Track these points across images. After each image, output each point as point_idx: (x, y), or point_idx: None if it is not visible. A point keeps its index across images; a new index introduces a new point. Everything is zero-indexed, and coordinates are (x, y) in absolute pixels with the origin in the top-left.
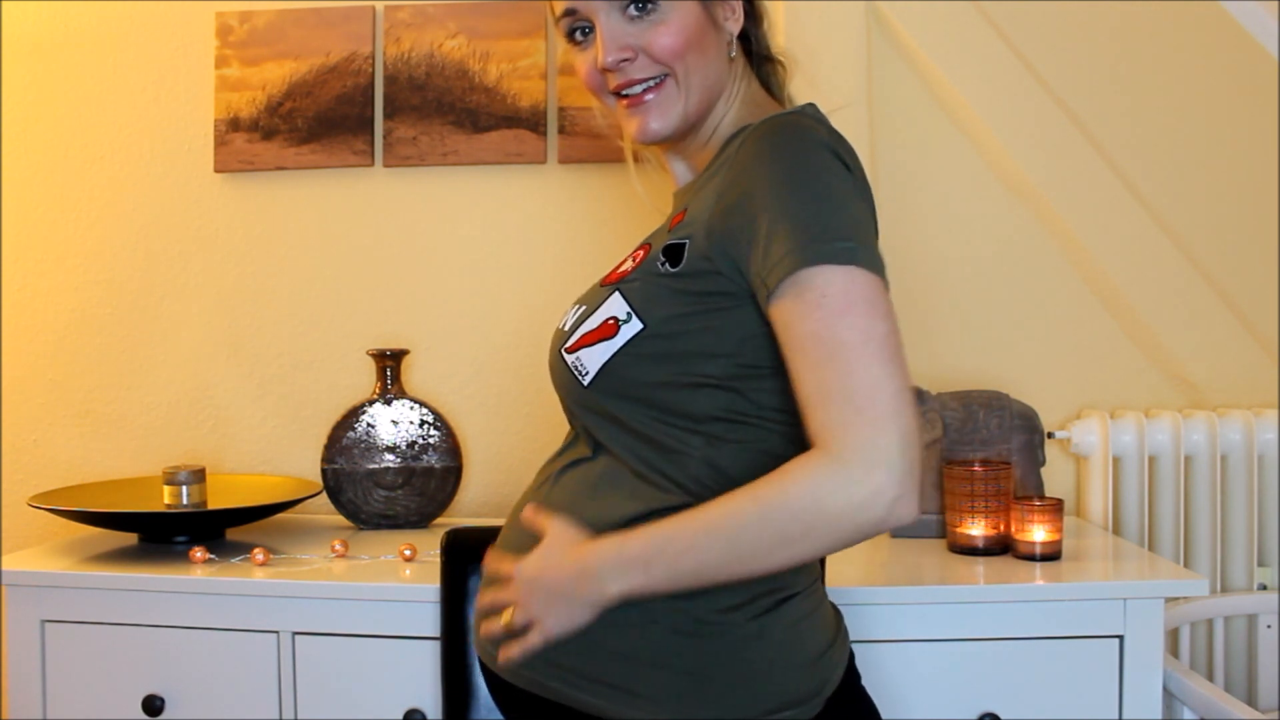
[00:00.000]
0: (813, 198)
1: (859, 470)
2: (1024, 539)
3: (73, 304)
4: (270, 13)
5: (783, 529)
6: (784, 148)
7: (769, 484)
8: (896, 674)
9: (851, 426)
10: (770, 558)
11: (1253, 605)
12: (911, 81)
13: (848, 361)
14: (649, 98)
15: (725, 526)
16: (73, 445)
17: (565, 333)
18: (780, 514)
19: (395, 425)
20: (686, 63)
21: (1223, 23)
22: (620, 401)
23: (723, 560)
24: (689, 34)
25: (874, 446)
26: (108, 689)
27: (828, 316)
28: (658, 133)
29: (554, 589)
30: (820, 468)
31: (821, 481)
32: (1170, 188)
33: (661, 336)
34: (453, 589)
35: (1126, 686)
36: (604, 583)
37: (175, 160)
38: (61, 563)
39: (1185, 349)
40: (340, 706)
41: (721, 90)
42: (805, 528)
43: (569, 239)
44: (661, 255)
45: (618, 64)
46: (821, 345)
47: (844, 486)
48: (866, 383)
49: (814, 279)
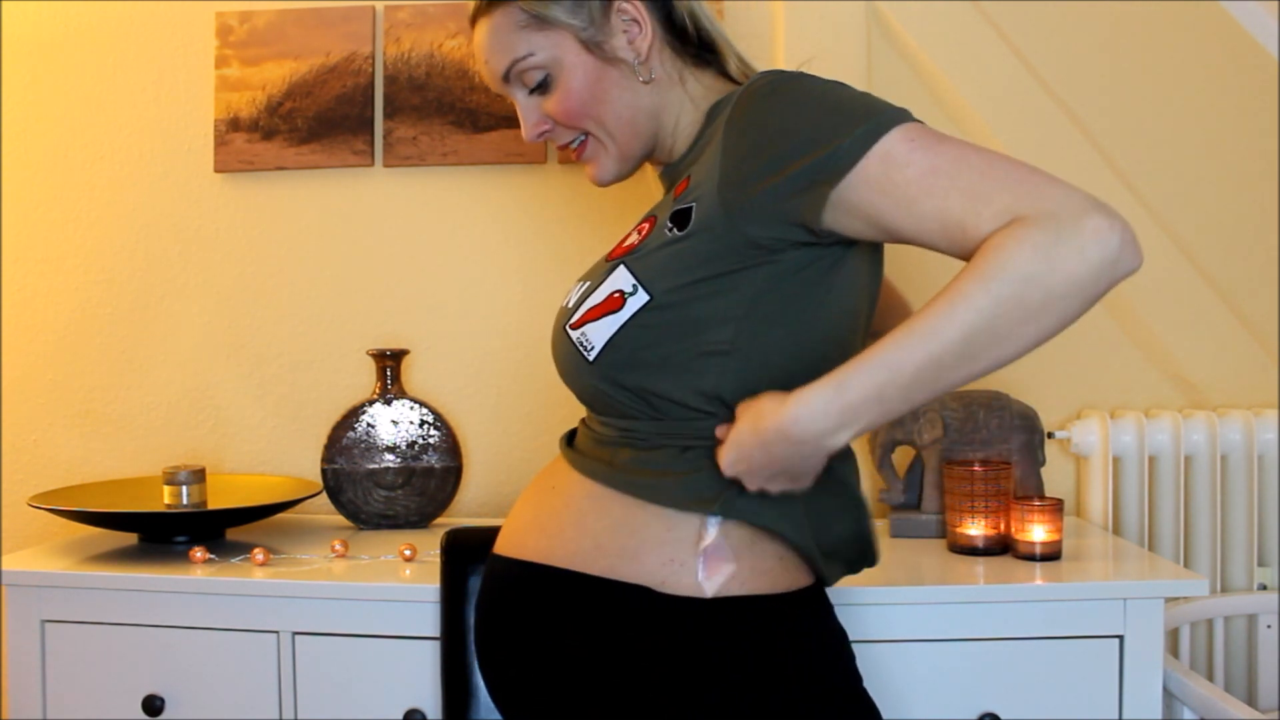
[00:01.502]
0: (832, 103)
1: (1070, 218)
2: (1024, 539)
3: (73, 304)
4: (270, 13)
5: (1019, 299)
6: (778, 92)
7: (982, 262)
8: (896, 674)
9: (1034, 193)
10: (1014, 337)
11: (1253, 605)
12: (911, 81)
13: (980, 163)
14: (584, 153)
15: (957, 322)
16: (73, 445)
17: (569, 309)
18: (1012, 283)
19: (395, 425)
20: (592, 118)
21: (1223, 23)
22: (630, 370)
23: (963, 356)
24: (579, 95)
25: (1068, 196)
26: (108, 689)
27: (928, 153)
28: (603, 179)
29: (771, 462)
30: (1029, 229)
31: (1040, 239)
32: (1170, 188)
33: (669, 307)
34: (453, 589)
35: (1126, 686)
36: (832, 437)
37: (175, 160)
38: (61, 563)
39: (1185, 349)
40: (340, 706)
41: (656, 113)
42: (1044, 291)
43: (569, 239)
44: (669, 221)
45: (538, 138)
46: (941, 171)
47: (1067, 234)
48: (1013, 165)
49: (889, 141)
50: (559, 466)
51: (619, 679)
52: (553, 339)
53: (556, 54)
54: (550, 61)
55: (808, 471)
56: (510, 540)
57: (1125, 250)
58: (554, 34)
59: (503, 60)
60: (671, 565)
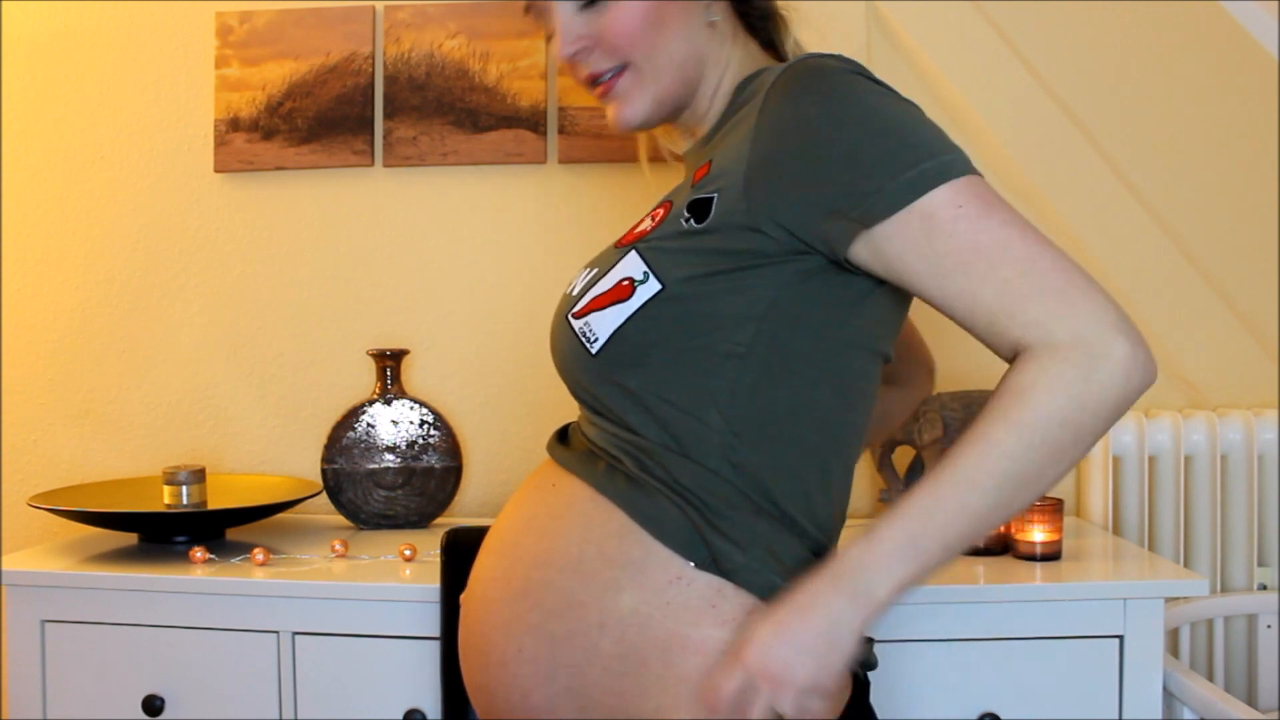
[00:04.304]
0: (882, 127)
1: (1099, 347)
2: (1024, 539)
3: (73, 304)
4: (270, 13)
5: (1052, 443)
6: (823, 88)
7: (1014, 407)
8: (896, 674)
9: (1066, 311)
10: (1044, 478)
11: (1253, 605)
12: (911, 81)
13: (1022, 255)
14: (616, 87)
15: (989, 470)
16: (73, 445)
17: (573, 297)
18: (1044, 429)
19: (395, 425)
20: (645, 47)
21: (1223, 23)
22: (633, 371)
23: (996, 504)
24: (641, 17)
25: (1098, 319)
26: (108, 689)
27: (972, 226)
28: (630, 121)
29: (797, 646)
30: (1060, 365)
31: (1071, 378)
32: (1170, 188)
33: (681, 299)
34: (453, 589)
35: (1126, 686)
36: (869, 589)
37: (175, 160)
38: (61, 563)
39: (1185, 349)
40: (340, 706)
41: (704, 62)
42: (1074, 431)
43: (569, 239)
44: (686, 211)
45: (573, 57)
46: (982, 253)
47: (1095, 370)
48: (1053, 266)
49: (934, 200)
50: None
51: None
52: (552, 328)
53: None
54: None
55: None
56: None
57: (1146, 375)
58: None
59: None
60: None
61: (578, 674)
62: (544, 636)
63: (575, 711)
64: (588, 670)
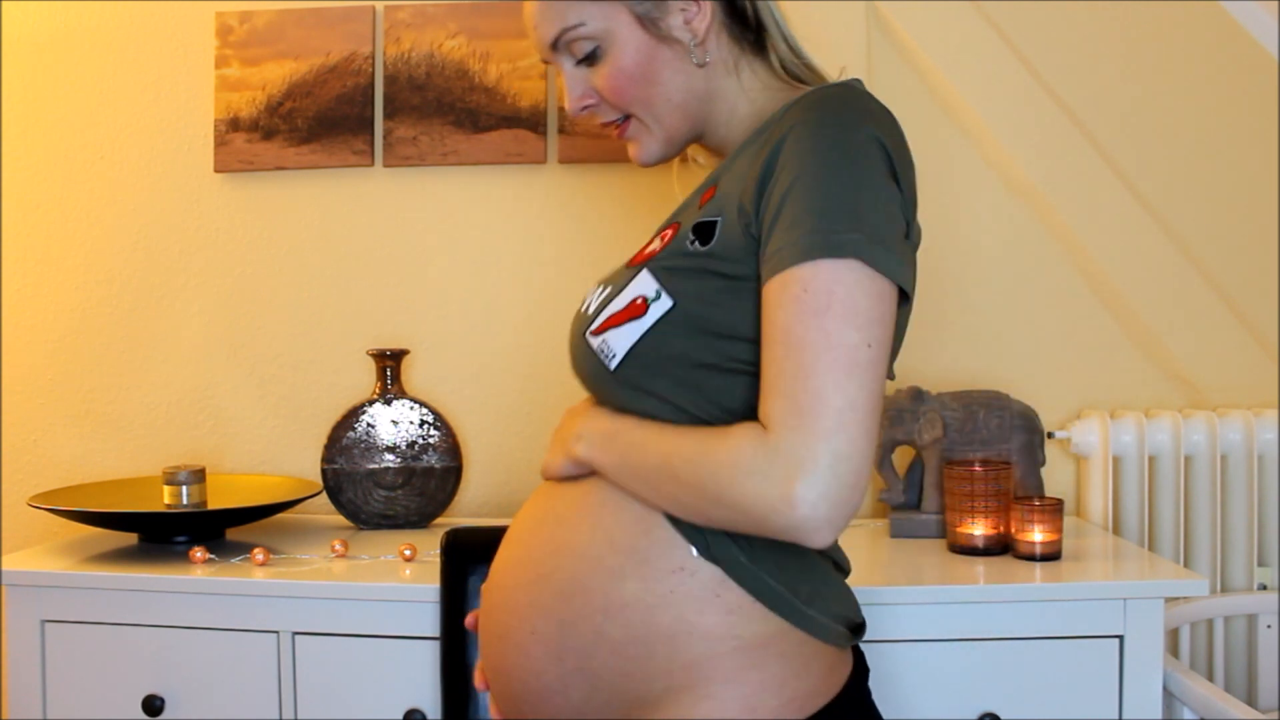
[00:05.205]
0: (837, 186)
1: (780, 470)
2: (1024, 539)
3: (73, 304)
4: (270, 13)
5: (702, 481)
6: (824, 126)
7: (717, 433)
8: (896, 674)
9: (789, 428)
10: (682, 501)
11: (1253, 605)
12: (911, 81)
13: (806, 364)
14: (627, 132)
15: (665, 448)
16: (73, 445)
17: (589, 315)
18: (706, 466)
19: (395, 425)
20: (640, 101)
21: (1223, 23)
22: (653, 380)
23: (651, 478)
24: (628, 75)
25: (800, 458)
26: (108, 689)
27: (802, 313)
28: (646, 160)
29: (559, 434)
30: (755, 447)
31: (749, 460)
32: (1170, 188)
33: (693, 313)
34: (453, 589)
35: (1126, 686)
36: (577, 440)
37: (175, 160)
38: (61, 563)
39: (1185, 349)
40: (340, 706)
41: (709, 97)
42: (718, 491)
43: (569, 239)
44: (691, 234)
45: (581, 112)
46: (789, 340)
47: (763, 479)
48: (816, 391)
49: (802, 271)
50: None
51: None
52: (571, 347)
53: (609, 26)
54: (601, 33)
55: (565, 456)
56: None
57: (802, 526)
58: (607, 5)
59: (552, 28)
60: None
61: (586, 656)
62: (554, 619)
63: (586, 691)
64: (595, 653)
